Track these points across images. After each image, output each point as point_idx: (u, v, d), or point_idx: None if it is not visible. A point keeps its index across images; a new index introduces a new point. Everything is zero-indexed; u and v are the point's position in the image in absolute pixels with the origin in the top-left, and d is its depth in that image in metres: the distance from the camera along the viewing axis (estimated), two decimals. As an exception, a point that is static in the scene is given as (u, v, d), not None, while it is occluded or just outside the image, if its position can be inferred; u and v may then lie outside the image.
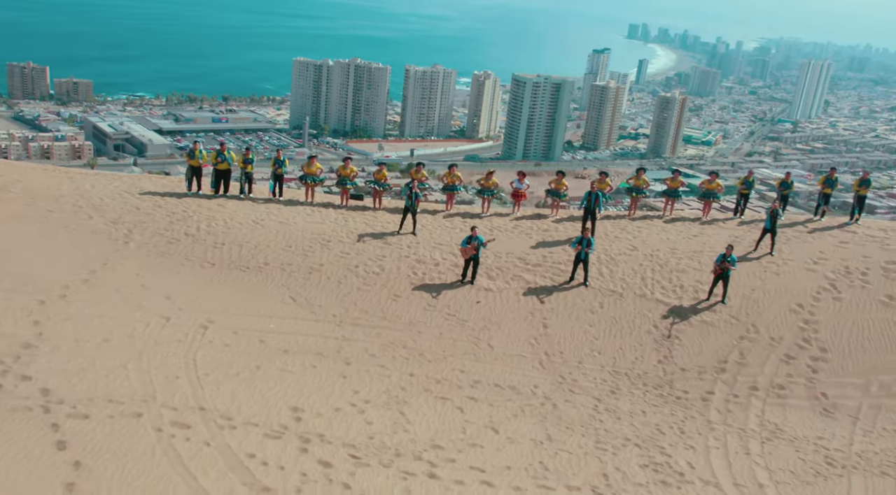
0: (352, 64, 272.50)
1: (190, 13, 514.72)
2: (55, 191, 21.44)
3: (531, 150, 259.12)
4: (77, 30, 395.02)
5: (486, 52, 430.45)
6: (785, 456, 15.08)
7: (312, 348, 15.98)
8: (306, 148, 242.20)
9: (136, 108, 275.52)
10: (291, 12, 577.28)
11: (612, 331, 18.85)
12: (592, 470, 13.41)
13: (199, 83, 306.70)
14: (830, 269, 21.25)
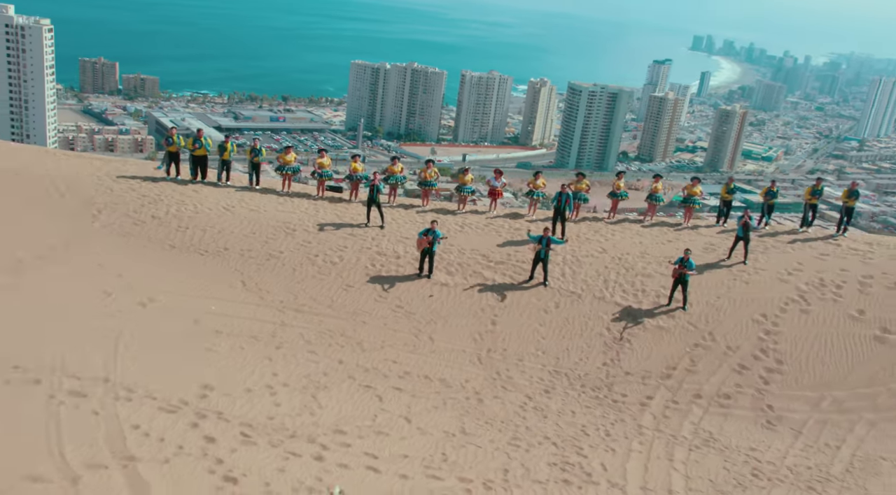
0: (408, 68, 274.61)
1: (256, 15, 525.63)
2: (37, 171, 22.24)
3: (584, 160, 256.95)
4: (149, 28, 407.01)
5: (544, 60, 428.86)
6: (709, 465, 14.71)
7: (247, 331, 16.23)
8: (359, 149, 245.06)
9: (198, 105, 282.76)
10: (355, 16, 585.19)
11: (562, 331, 18.65)
12: (494, 465, 13.30)
13: (261, 83, 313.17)
14: (804, 281, 20.63)
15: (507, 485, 12.64)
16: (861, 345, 18.55)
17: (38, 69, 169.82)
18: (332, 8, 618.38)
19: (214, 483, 10.45)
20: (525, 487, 12.78)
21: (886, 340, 18.57)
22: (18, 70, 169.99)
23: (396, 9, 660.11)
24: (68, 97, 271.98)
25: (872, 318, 19.18)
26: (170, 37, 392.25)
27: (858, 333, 18.85)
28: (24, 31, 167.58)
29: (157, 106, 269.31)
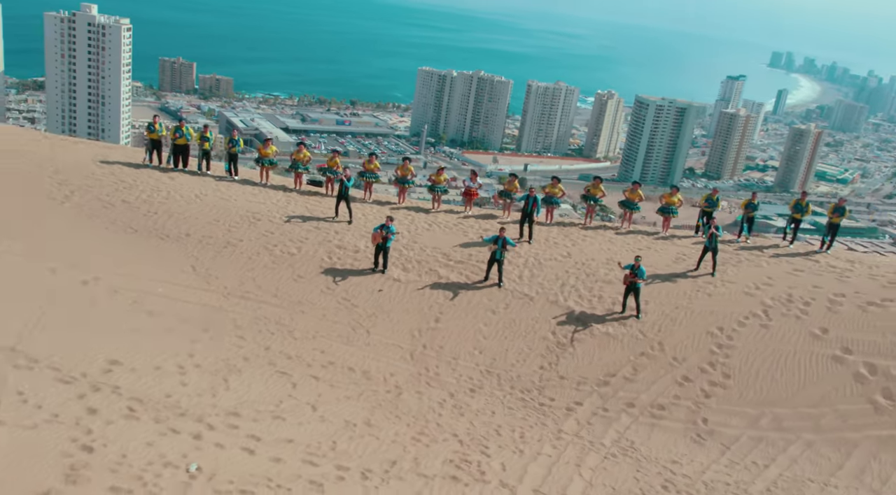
0: (475, 76, 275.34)
1: (332, 20, 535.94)
2: (26, 153, 23.24)
3: (649, 174, 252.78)
4: (228, 32, 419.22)
5: (614, 72, 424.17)
6: (619, 474, 14.38)
7: (181, 314, 16.62)
8: (422, 155, 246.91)
9: (269, 106, 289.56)
10: (430, 24, 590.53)
11: (505, 332, 18.48)
12: (384, 457, 13.27)
13: (331, 87, 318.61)
14: (770, 296, 19.95)
15: (386, 477, 12.61)
16: (817, 364, 17.84)
17: (116, 66, 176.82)
18: (407, 16, 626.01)
19: (68, 450, 10.76)
20: (407, 480, 12.73)
21: (844, 361, 17.81)
22: (97, 67, 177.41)
23: (470, 18, 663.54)
24: (147, 95, 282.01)
25: (835, 338, 18.42)
26: (248, 40, 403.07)
27: (817, 352, 18.13)
28: (104, 29, 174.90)
29: (229, 106, 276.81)
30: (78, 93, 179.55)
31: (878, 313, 19.12)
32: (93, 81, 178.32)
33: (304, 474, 11.90)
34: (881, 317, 18.97)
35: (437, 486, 12.75)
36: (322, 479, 11.90)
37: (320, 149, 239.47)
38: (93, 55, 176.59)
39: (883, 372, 17.45)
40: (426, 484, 12.75)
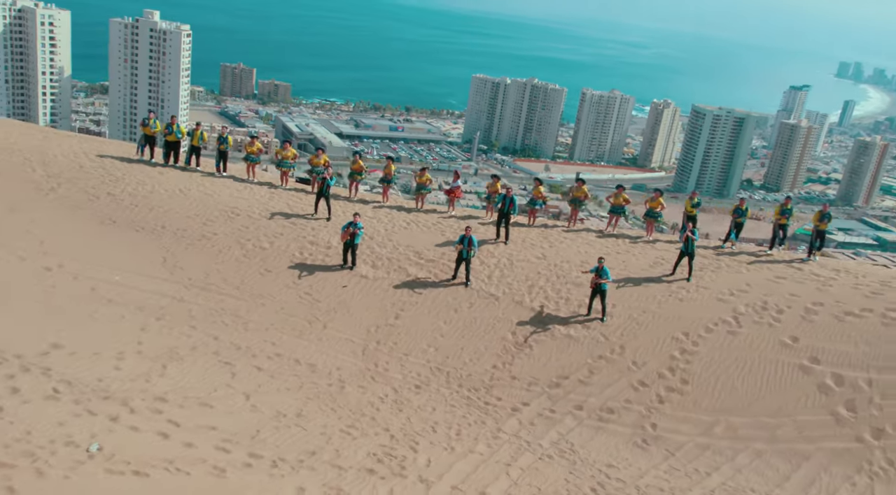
0: (528, 83, 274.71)
1: (390, 27, 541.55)
2: (23, 145, 24.12)
3: (704, 185, 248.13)
4: (290, 39, 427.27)
5: (672, 81, 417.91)
6: (549, 475, 14.18)
7: (138, 302, 17.03)
8: (474, 162, 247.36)
9: (325, 111, 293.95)
10: (487, 32, 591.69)
11: (464, 331, 18.42)
12: (304, 447, 13.34)
13: (387, 93, 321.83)
14: (745, 302, 19.43)
15: (298, 466, 12.68)
16: (781, 373, 17.31)
17: (175, 71, 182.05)
18: (465, 24, 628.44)
19: (-28, 426, 11.14)
20: (319, 470, 12.78)
21: (811, 371, 17.24)
22: (158, 71, 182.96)
23: (526, 26, 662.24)
24: (208, 99, 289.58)
25: (804, 347, 17.85)
26: (308, 47, 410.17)
27: (784, 361, 17.60)
28: (165, 35, 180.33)
29: (286, 111, 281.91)
30: (139, 96, 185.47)
31: (854, 323, 18.45)
32: (153, 85, 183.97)
33: (210, 459, 12.06)
34: (857, 327, 18.31)
35: (349, 478, 12.77)
36: (227, 465, 12.04)
37: (372, 155, 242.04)
38: (154, 60, 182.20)
39: (850, 383, 16.84)
40: (338, 474, 12.78)
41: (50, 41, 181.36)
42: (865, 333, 18.08)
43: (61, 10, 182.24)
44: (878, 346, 17.68)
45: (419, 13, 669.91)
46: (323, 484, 12.31)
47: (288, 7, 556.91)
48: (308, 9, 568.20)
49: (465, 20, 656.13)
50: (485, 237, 22.13)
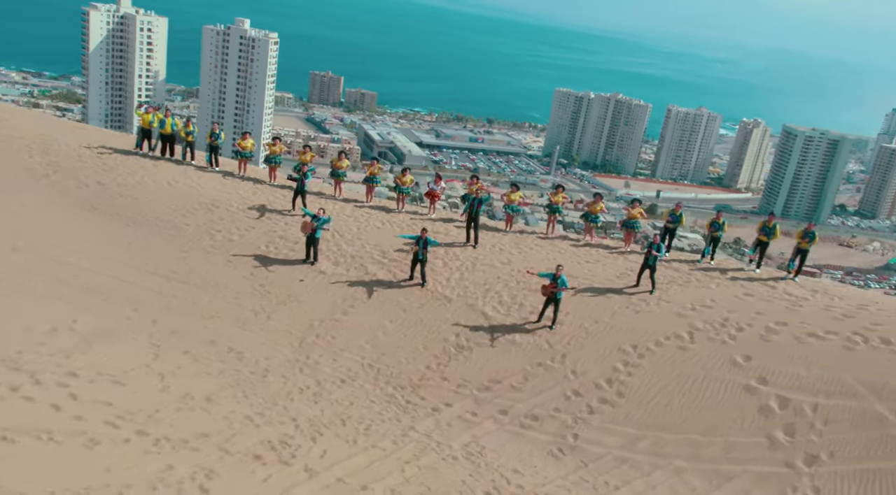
0: (612, 98, 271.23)
1: (481, 40, 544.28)
2: (28, 135, 25.49)
3: (793, 208, 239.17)
4: (384, 50, 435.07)
5: (763, 100, 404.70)
6: (446, 476, 14.04)
7: (86, 284, 17.75)
8: (552, 176, 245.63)
9: (407, 121, 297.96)
10: (574, 46, 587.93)
11: (407, 330, 18.44)
12: (197, 430, 13.58)
13: (471, 105, 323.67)
14: (704, 318, 18.77)
15: (181, 446, 12.93)
16: (724, 392, 16.67)
17: (262, 77, 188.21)
18: (555, 38, 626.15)
19: None
20: (202, 450, 12.98)
21: (756, 391, 16.52)
22: (245, 77, 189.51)
23: (614, 40, 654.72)
24: (296, 105, 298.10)
25: (755, 366, 17.13)
26: (397, 58, 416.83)
27: (730, 379, 16.92)
28: (254, 42, 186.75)
29: (370, 119, 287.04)
30: (226, 101, 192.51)
31: (814, 346, 17.57)
32: (240, 90, 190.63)
33: (91, 432, 12.45)
34: (816, 349, 17.43)
35: (229, 462, 12.94)
36: (105, 439, 12.40)
37: (451, 165, 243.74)
38: (242, 66, 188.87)
39: (794, 407, 16.06)
40: (220, 457, 12.98)
41: (147, 46, 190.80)
42: (824, 357, 17.18)
43: (159, 17, 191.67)
44: (833, 371, 16.77)
45: (513, 27, 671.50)
46: (196, 464, 12.53)
47: (383, 18, 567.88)
48: (402, 20, 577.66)
49: (557, 34, 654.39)
50: (442, 239, 22.13)
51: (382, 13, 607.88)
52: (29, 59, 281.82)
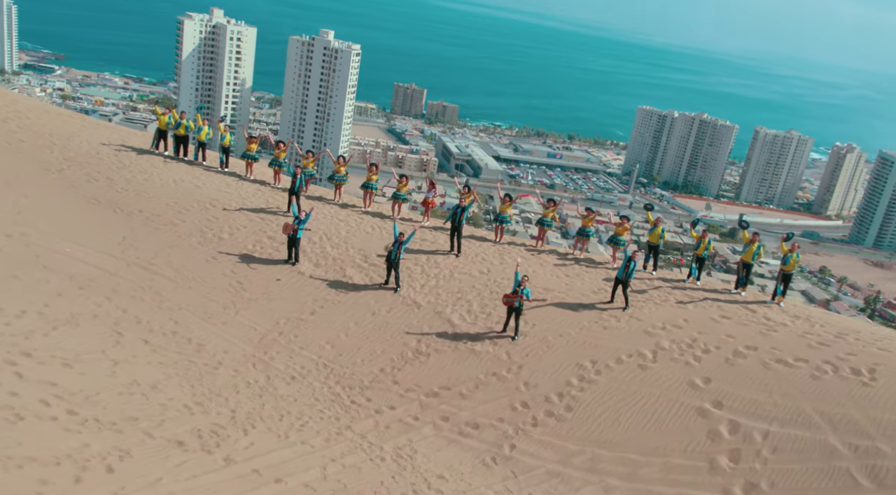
0: (697, 118, 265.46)
1: (573, 57, 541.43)
2: (50, 129, 26.98)
3: (885, 238, 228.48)
4: (475, 65, 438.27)
5: (861, 124, 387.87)
6: (368, 476, 14.19)
7: (71, 272, 18.69)
8: (630, 195, 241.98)
9: (487, 134, 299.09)
10: (671, 65, 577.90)
11: (371, 333, 18.68)
12: (129, 414, 14.13)
13: (554, 121, 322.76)
14: (672, 338, 18.35)
15: (108, 427, 13.48)
16: (675, 414, 16.27)
17: (342, 88, 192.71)
18: (655, 57, 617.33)
19: None
20: (125, 433, 13.50)
21: (709, 415, 16.06)
22: (327, 87, 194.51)
23: (719, 62, 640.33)
24: (378, 116, 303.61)
25: (713, 390, 16.66)
26: (484, 72, 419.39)
27: (684, 401, 16.51)
28: (336, 53, 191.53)
29: (450, 131, 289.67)
30: (308, 109, 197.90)
31: (779, 372, 16.94)
32: (322, 100, 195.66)
33: (18, 408, 13.13)
34: (781, 376, 16.81)
35: (149, 445, 13.42)
36: (32, 415, 13.06)
37: (527, 179, 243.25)
38: (324, 76, 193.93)
39: (744, 433, 15.54)
40: (141, 440, 13.48)
41: (236, 55, 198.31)
42: (787, 384, 16.55)
43: (249, 27, 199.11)
44: (793, 399, 16.13)
45: (607, 44, 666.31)
46: (114, 445, 13.06)
47: (471, 32, 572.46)
48: (490, 35, 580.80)
49: (658, 54, 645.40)
50: (426, 247, 22.27)
51: (471, 27, 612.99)
52: (132, 65, 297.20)
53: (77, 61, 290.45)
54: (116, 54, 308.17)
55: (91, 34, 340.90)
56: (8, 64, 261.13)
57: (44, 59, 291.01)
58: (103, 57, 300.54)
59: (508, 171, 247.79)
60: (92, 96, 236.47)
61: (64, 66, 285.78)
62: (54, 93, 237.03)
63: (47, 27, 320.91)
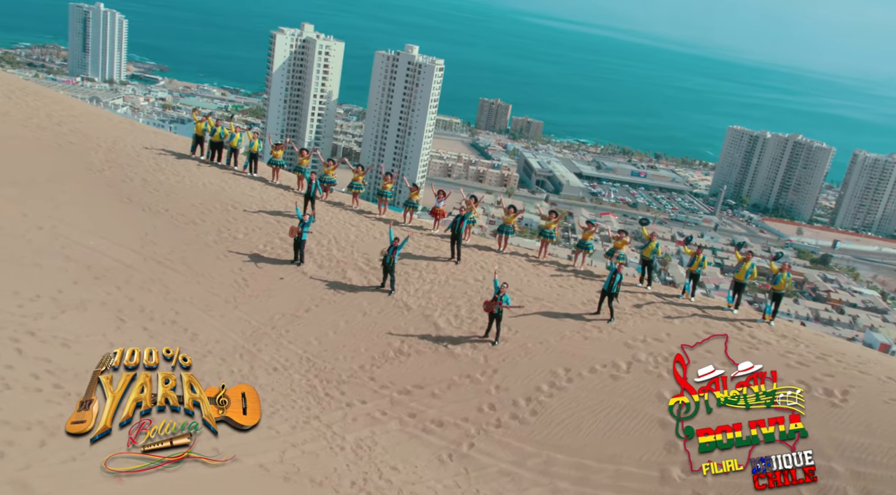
0: (790, 139, 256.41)
1: (668, 76, 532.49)
2: (98, 133, 29.06)
3: None
4: (563, 82, 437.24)
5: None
6: (322, 463, 15.03)
7: (90, 263, 20.28)
8: (716, 216, 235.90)
9: (571, 151, 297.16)
10: (769, 84, 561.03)
11: (358, 332, 19.54)
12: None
13: (642, 141, 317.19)
14: (650, 351, 18.53)
15: (64, 398, 14.70)
16: (637, 424, 16.54)
17: (424, 102, 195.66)
18: (755, 77, 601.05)
19: None
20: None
21: (670, 427, 16.11)
22: (410, 100, 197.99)
23: (816, 81, 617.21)
24: (462, 130, 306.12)
25: (680, 402, 16.68)
26: (573, 89, 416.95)
27: (648, 412, 16.74)
28: (420, 68, 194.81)
29: (533, 147, 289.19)
30: (390, 123, 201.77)
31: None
32: (404, 114, 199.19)
33: (9, 378, 14.55)
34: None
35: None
36: (18, 386, 14.38)
37: (609, 198, 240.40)
38: (407, 90, 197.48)
39: (702, 446, 15.54)
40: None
41: (324, 68, 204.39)
42: (754, 400, 16.42)
43: (337, 42, 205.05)
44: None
45: (705, 62, 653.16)
46: (57, 413, 14.10)
47: (560, 48, 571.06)
48: (580, 51, 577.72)
49: (758, 74, 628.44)
50: (429, 253, 23.01)
51: (562, 44, 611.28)
52: (230, 77, 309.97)
53: (179, 73, 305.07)
54: (216, 67, 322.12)
55: (193, 47, 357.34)
56: (117, 74, 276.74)
57: (149, 70, 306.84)
58: (204, 69, 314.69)
59: (590, 189, 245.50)
60: (190, 106, 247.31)
61: (167, 77, 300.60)
62: (156, 102, 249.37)
63: (154, 41, 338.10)
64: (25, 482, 11.98)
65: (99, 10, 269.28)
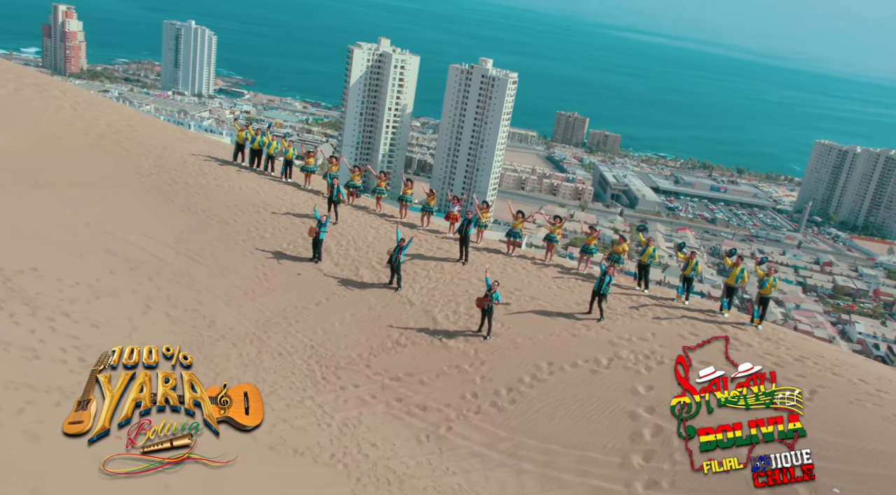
0: (883, 154, 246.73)
1: (751, 88, 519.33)
2: (152, 141, 31.58)
3: None
4: (645, 95, 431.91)
5: None
6: (308, 436, 16.54)
7: (128, 256, 22.45)
8: (800, 234, 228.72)
9: (648, 165, 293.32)
10: (862, 97, 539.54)
11: (362, 323, 21.05)
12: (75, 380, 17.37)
13: (724, 155, 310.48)
14: (632, 349, 19.43)
15: (74, 367, 16.72)
16: (608, 415, 17.52)
17: (497, 115, 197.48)
18: (842, 88, 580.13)
19: None
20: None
21: (639, 418, 17.22)
22: (483, 113, 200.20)
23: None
24: (538, 144, 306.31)
25: (652, 397, 17.78)
26: (652, 102, 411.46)
27: (620, 404, 17.70)
28: (493, 81, 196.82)
29: (609, 160, 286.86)
30: (463, 135, 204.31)
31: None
32: (477, 126, 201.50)
33: (39, 350, 16.52)
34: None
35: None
36: (46, 357, 16.43)
37: (686, 213, 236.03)
38: (480, 103, 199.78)
39: (665, 436, 16.63)
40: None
41: (399, 82, 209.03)
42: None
43: (412, 56, 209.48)
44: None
45: (796, 75, 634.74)
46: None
47: (640, 61, 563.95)
48: (660, 64, 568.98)
49: (843, 84, 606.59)
50: (440, 254, 24.35)
51: (643, 57, 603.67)
52: (311, 91, 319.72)
53: (264, 87, 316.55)
54: (298, 81, 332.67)
55: (277, 62, 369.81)
56: (206, 88, 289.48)
57: (236, 84, 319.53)
58: (287, 83, 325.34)
59: (667, 203, 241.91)
60: (273, 119, 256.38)
61: (252, 90, 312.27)
62: (241, 115, 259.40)
63: (241, 56, 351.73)
64: (37, 433, 13.84)
65: (190, 26, 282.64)
